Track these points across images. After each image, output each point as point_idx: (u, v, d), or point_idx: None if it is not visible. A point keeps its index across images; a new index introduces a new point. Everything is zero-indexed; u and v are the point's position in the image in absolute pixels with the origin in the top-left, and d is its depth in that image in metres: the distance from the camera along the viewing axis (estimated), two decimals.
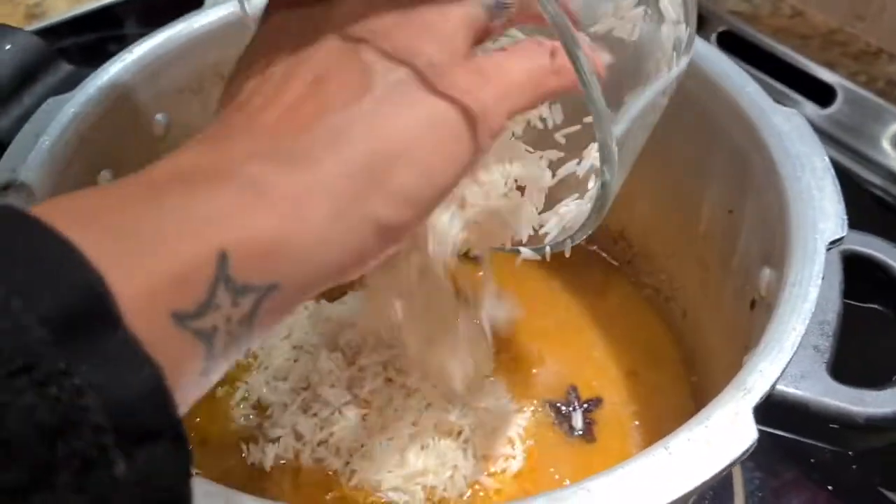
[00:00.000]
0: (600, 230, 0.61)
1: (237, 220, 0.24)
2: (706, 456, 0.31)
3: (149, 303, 0.21)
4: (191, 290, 0.22)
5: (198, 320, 0.22)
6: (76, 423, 0.19)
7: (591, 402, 0.54)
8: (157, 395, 0.21)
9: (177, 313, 0.22)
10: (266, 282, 0.24)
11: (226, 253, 0.23)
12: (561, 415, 0.53)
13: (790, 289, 0.37)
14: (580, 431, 0.52)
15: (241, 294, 0.23)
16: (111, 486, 0.19)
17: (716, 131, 0.48)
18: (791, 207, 0.41)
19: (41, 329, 0.19)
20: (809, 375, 0.37)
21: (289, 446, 0.49)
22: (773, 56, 0.79)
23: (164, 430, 0.21)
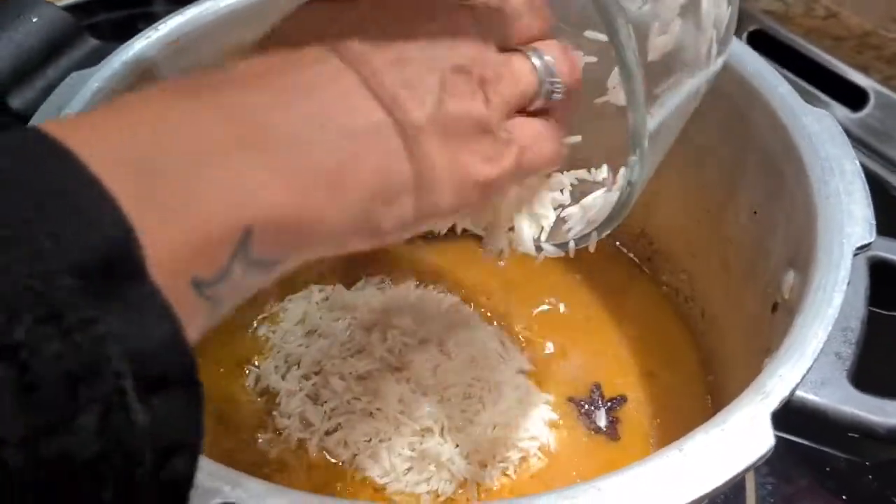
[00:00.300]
0: (622, 226, 0.61)
1: (269, 196, 0.24)
2: (721, 460, 0.31)
3: (174, 265, 0.22)
4: (213, 260, 0.23)
5: (212, 288, 0.23)
6: (98, 370, 0.19)
7: (615, 401, 0.53)
8: (176, 345, 0.21)
9: (196, 280, 0.22)
10: (276, 258, 0.25)
11: (251, 229, 0.23)
12: (584, 412, 0.52)
13: (814, 293, 0.36)
14: (604, 429, 0.52)
15: (252, 267, 0.24)
16: (129, 430, 0.20)
17: (745, 130, 0.48)
18: (819, 210, 0.40)
19: (70, 277, 0.19)
20: (830, 382, 0.36)
21: (296, 433, 0.49)
22: (805, 57, 0.78)
23: (180, 379, 0.21)
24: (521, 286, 0.59)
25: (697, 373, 0.54)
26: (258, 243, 0.24)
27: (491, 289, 0.59)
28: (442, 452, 0.47)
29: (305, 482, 0.48)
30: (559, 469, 0.50)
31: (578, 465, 0.50)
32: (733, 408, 0.32)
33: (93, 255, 0.20)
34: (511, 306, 0.58)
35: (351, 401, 0.49)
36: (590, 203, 0.36)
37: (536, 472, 0.49)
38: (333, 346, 0.51)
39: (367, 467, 0.47)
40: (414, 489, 0.47)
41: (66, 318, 0.19)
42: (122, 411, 0.20)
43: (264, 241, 0.24)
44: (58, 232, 0.19)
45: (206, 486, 0.30)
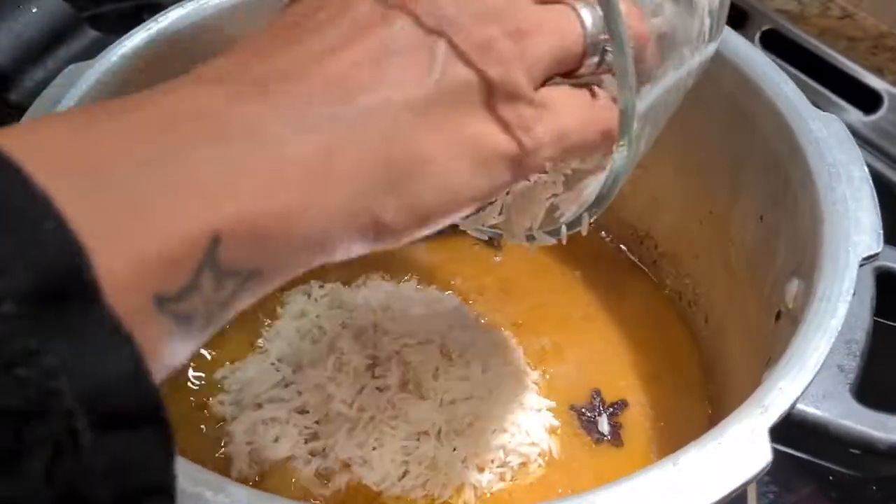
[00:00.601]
0: (626, 228, 0.60)
1: (242, 197, 0.22)
2: (717, 475, 0.30)
3: (134, 282, 0.20)
4: (177, 273, 0.21)
5: (178, 304, 0.21)
6: (46, 408, 0.17)
7: (616, 406, 0.52)
8: (137, 378, 0.19)
9: (159, 296, 0.20)
10: (251, 268, 0.22)
11: (219, 236, 0.21)
12: (586, 420, 0.51)
13: (818, 303, 0.35)
14: (607, 436, 0.51)
15: (224, 279, 0.22)
16: (83, 476, 0.18)
17: (751, 133, 0.47)
18: (824, 217, 0.39)
19: (10, 303, 0.17)
20: (831, 396, 0.35)
21: (291, 437, 0.48)
22: (818, 58, 0.77)
23: (144, 415, 0.19)
24: (520, 286, 0.58)
25: (699, 377, 0.54)
26: (228, 251, 0.21)
27: (490, 288, 0.58)
28: (439, 456, 0.46)
29: (295, 488, 0.47)
30: (560, 476, 0.49)
31: (580, 472, 0.49)
32: (731, 421, 0.31)
33: (38, 279, 0.18)
34: (510, 307, 0.57)
35: (346, 403, 0.48)
36: (582, 187, 0.35)
37: (536, 479, 0.48)
38: (329, 345, 0.51)
39: (361, 472, 0.46)
40: (409, 494, 0.46)
41: (7, 350, 0.17)
42: (74, 455, 0.18)
43: (235, 248, 0.22)
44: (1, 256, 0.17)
45: (188, 490, 0.29)
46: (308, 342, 0.51)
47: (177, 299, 0.21)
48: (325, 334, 0.51)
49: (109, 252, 0.19)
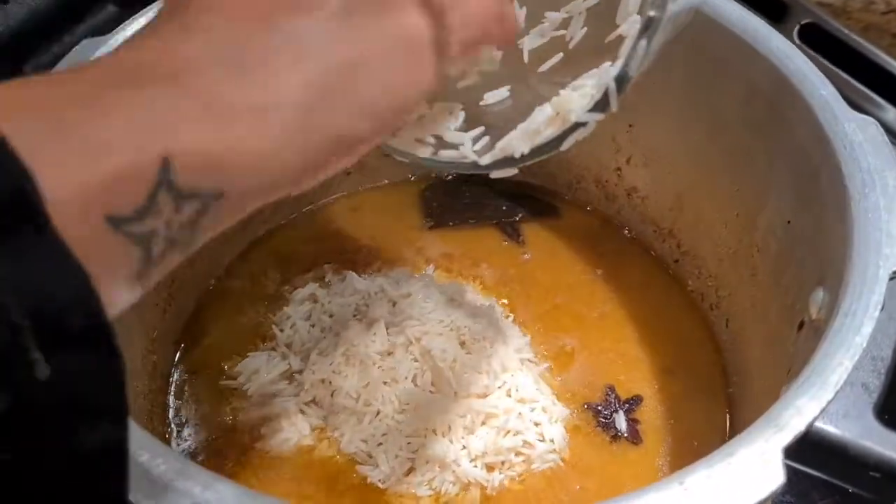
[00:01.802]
0: (648, 225, 0.59)
1: (185, 132, 0.23)
2: (725, 496, 0.28)
3: (82, 205, 0.20)
4: (129, 195, 0.21)
5: (134, 224, 0.22)
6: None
7: (631, 401, 0.51)
8: (85, 300, 0.20)
9: (112, 217, 0.21)
10: (212, 189, 0.23)
11: (169, 159, 0.22)
12: (602, 418, 0.50)
13: (843, 318, 0.34)
14: (624, 434, 0.49)
15: (184, 199, 0.23)
16: (34, 385, 0.19)
17: (783, 134, 0.45)
18: (855, 226, 0.37)
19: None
20: (853, 415, 0.34)
21: (297, 430, 0.47)
22: (860, 55, 0.73)
23: (91, 337, 0.20)
24: (541, 282, 0.57)
25: (718, 379, 0.52)
26: (183, 173, 0.22)
27: (512, 283, 0.57)
28: (448, 454, 0.45)
29: (307, 479, 0.46)
30: (572, 476, 0.47)
31: (596, 471, 0.48)
32: (743, 439, 0.30)
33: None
34: (531, 303, 0.56)
35: (352, 396, 0.47)
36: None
37: (547, 479, 0.47)
38: (338, 334, 0.50)
39: (365, 468, 0.46)
40: (416, 490, 0.45)
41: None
42: (24, 365, 0.19)
43: (189, 170, 0.22)
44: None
45: (177, 485, 0.29)
46: (317, 330, 0.50)
47: (133, 219, 0.21)
48: (334, 322, 0.50)
49: (56, 177, 0.20)
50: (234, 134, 0.23)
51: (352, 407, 0.47)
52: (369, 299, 0.52)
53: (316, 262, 0.56)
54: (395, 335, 0.49)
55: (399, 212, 0.60)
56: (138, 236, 0.22)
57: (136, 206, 0.21)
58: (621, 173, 0.59)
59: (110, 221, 0.21)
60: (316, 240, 0.58)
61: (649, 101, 0.54)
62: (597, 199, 0.61)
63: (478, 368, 0.48)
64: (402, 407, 0.46)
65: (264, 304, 0.54)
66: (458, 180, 0.62)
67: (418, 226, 0.60)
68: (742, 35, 0.46)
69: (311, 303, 0.53)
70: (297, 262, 0.57)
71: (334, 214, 0.60)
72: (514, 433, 0.47)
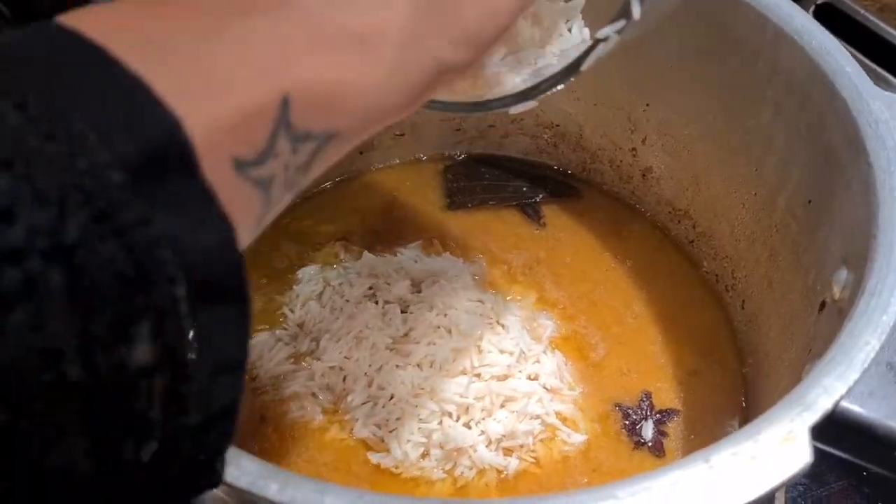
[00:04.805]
0: (663, 205, 0.58)
1: (301, 63, 0.22)
2: (751, 475, 0.28)
3: (212, 148, 0.20)
4: (253, 137, 0.21)
5: (258, 168, 0.21)
6: (151, 275, 0.18)
7: (664, 413, 0.49)
8: (228, 250, 0.20)
9: (238, 160, 0.21)
10: (326, 129, 0.23)
11: (288, 98, 0.21)
12: (630, 422, 0.49)
13: (869, 297, 0.33)
14: (648, 443, 0.48)
15: (300, 141, 0.22)
16: (181, 342, 0.19)
17: (805, 112, 0.44)
18: (880, 205, 0.37)
19: (118, 171, 0.17)
20: (878, 395, 0.33)
21: (313, 406, 0.47)
22: (876, 35, 0.73)
23: (231, 288, 0.20)
24: (564, 268, 0.56)
25: (737, 370, 0.51)
26: (299, 114, 0.22)
27: (535, 265, 0.56)
28: (465, 438, 0.45)
29: (322, 457, 0.46)
30: (588, 474, 0.47)
31: (610, 473, 0.47)
32: (769, 418, 0.30)
33: (140, 149, 0.18)
34: (555, 287, 0.55)
35: (366, 379, 0.46)
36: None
37: (564, 469, 0.47)
38: (352, 315, 0.49)
39: (379, 454, 0.45)
40: (431, 474, 0.45)
41: (119, 218, 0.17)
42: (175, 320, 0.18)
43: (305, 110, 0.22)
44: (101, 125, 0.18)
45: None
46: (328, 311, 0.50)
47: (256, 163, 0.21)
48: (347, 303, 0.50)
49: (190, 120, 0.19)
50: (344, 66, 0.23)
51: (365, 391, 0.46)
52: (389, 278, 0.51)
53: (329, 240, 0.56)
54: (414, 315, 0.48)
55: (415, 192, 0.60)
56: (261, 181, 0.21)
57: (258, 148, 0.21)
58: (636, 153, 0.59)
59: (237, 165, 0.21)
60: (329, 220, 0.58)
61: (666, 79, 0.53)
62: (611, 180, 0.61)
63: (500, 349, 0.48)
64: (417, 391, 0.46)
65: (274, 284, 0.53)
66: (477, 161, 0.62)
67: (437, 206, 0.59)
68: (764, 12, 0.45)
69: (322, 283, 0.52)
70: (309, 241, 0.56)
71: (349, 194, 0.59)
72: (533, 417, 0.46)
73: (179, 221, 0.18)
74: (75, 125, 0.17)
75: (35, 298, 0.17)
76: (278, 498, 0.27)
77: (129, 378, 0.18)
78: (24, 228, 0.16)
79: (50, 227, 0.17)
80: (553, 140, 0.62)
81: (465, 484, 0.45)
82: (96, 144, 0.17)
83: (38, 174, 0.17)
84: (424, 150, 0.62)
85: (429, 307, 0.49)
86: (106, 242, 0.17)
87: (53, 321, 0.17)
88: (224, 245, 0.19)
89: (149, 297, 0.18)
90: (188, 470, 0.20)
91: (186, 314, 0.19)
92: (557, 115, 0.60)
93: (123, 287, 0.18)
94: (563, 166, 0.62)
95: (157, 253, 0.18)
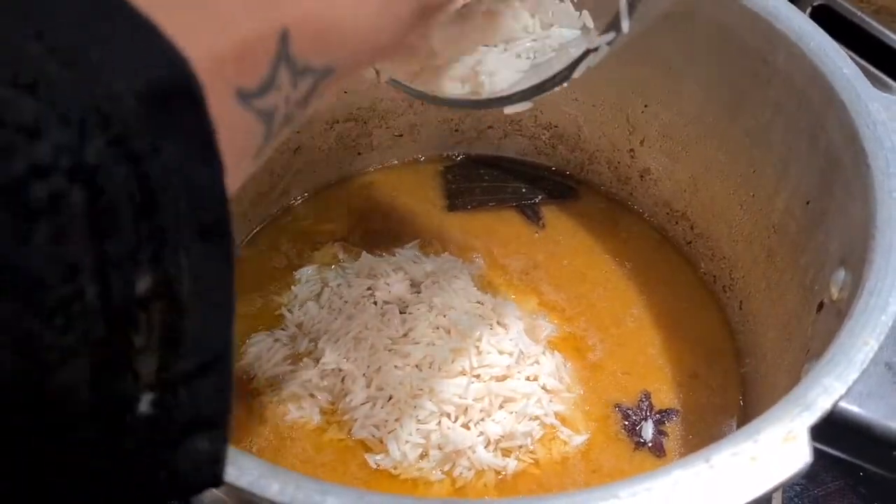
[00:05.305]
0: (661, 206, 0.58)
1: (295, 2, 0.23)
2: (751, 475, 0.28)
3: (216, 80, 0.20)
4: (255, 67, 0.22)
5: (260, 99, 0.22)
6: (159, 203, 0.19)
7: (664, 413, 0.49)
8: (221, 191, 0.20)
9: (241, 91, 0.21)
10: (324, 64, 0.24)
11: (287, 31, 0.22)
12: (630, 423, 0.49)
13: (867, 297, 0.33)
14: (649, 443, 0.48)
15: (300, 75, 0.23)
16: (177, 272, 0.19)
17: (804, 113, 0.44)
18: (879, 206, 0.37)
19: (132, 100, 0.18)
20: (876, 395, 0.33)
21: (311, 407, 0.47)
22: (873, 37, 0.73)
23: (220, 228, 0.20)
24: (563, 270, 0.56)
25: (734, 370, 0.52)
26: (298, 45, 0.23)
27: (535, 268, 0.56)
28: (464, 440, 0.45)
29: (320, 457, 0.46)
30: (590, 470, 0.47)
31: (610, 474, 0.47)
32: (768, 418, 0.30)
33: (149, 81, 0.18)
34: (554, 289, 0.55)
35: (365, 381, 0.46)
36: None
37: (563, 470, 0.47)
38: (350, 316, 0.49)
39: (378, 456, 0.45)
40: (429, 475, 0.45)
41: (132, 144, 0.18)
42: (174, 250, 0.19)
43: (305, 44, 0.23)
44: (115, 58, 0.18)
45: None
46: (326, 312, 0.50)
47: (259, 93, 0.22)
48: (346, 304, 0.50)
49: (196, 54, 0.20)
50: (337, 3, 0.24)
51: (363, 392, 0.46)
52: (388, 279, 0.51)
53: (328, 241, 0.56)
54: (413, 315, 0.48)
55: (414, 193, 0.60)
56: (263, 112, 0.22)
57: (261, 79, 0.22)
58: (634, 154, 0.59)
59: (240, 95, 0.21)
60: (328, 220, 0.58)
61: (665, 81, 0.54)
62: (609, 181, 0.61)
63: (500, 350, 0.48)
64: (416, 391, 0.46)
65: (272, 284, 0.53)
66: (475, 162, 0.62)
67: (436, 207, 0.59)
68: (762, 14, 0.45)
69: (320, 283, 0.52)
70: (308, 241, 0.56)
71: (348, 194, 0.60)
72: (532, 418, 0.46)
73: (185, 153, 0.19)
74: (92, 55, 0.18)
75: (59, 213, 0.17)
76: (279, 498, 0.27)
77: (133, 304, 0.19)
78: (50, 146, 0.17)
79: (73, 146, 0.17)
80: (551, 141, 0.62)
81: (463, 485, 0.45)
82: (112, 73, 0.18)
83: (60, 97, 0.17)
84: (423, 151, 0.62)
85: (428, 308, 0.49)
86: (121, 166, 0.18)
87: (74, 236, 0.17)
88: (218, 182, 0.20)
89: (154, 223, 0.19)
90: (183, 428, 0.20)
91: (184, 245, 0.19)
92: (556, 116, 0.61)
93: (134, 211, 0.18)
94: (561, 167, 0.62)
95: (164, 181, 0.19)
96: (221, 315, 0.21)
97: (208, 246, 0.20)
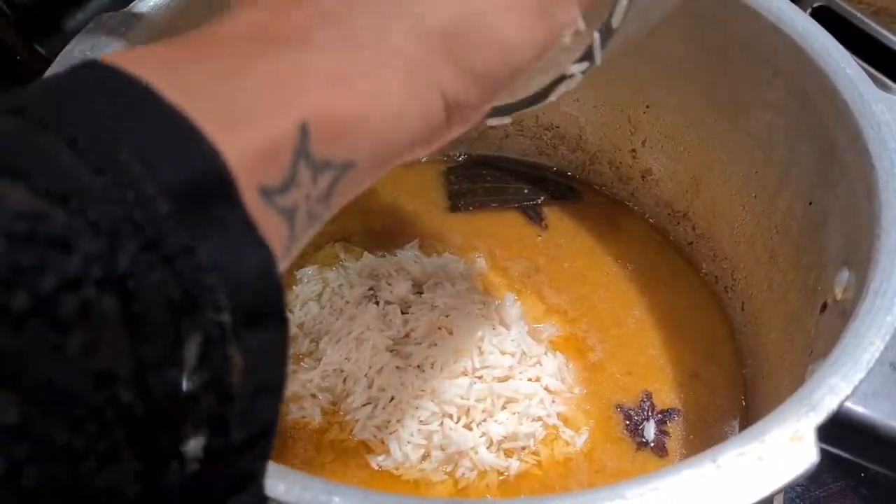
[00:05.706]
0: (663, 207, 0.58)
1: (314, 96, 0.23)
2: (757, 475, 0.28)
3: (242, 177, 0.20)
4: (276, 164, 0.21)
5: (282, 196, 0.22)
6: (198, 301, 0.19)
7: (666, 413, 0.49)
8: (270, 276, 0.20)
9: (264, 188, 0.21)
10: (343, 159, 0.23)
11: (306, 126, 0.22)
12: (632, 423, 0.49)
13: (872, 297, 0.33)
14: (651, 443, 0.48)
15: (319, 171, 0.23)
16: (225, 366, 0.19)
17: (806, 114, 0.44)
18: (883, 207, 0.37)
19: (164, 202, 0.18)
20: (881, 395, 0.33)
21: (313, 407, 0.47)
22: (872, 38, 0.73)
23: (273, 314, 0.20)
24: (564, 271, 0.56)
25: (736, 371, 0.52)
26: (317, 142, 0.22)
27: (537, 270, 0.56)
28: (466, 441, 0.45)
29: (320, 458, 0.46)
30: (593, 470, 0.47)
31: (614, 474, 0.47)
32: (775, 418, 0.30)
33: (183, 179, 0.19)
34: (557, 290, 0.55)
35: (367, 381, 0.46)
36: None
37: (566, 471, 0.47)
38: (352, 317, 0.49)
39: (379, 457, 0.45)
40: (431, 476, 0.45)
41: (167, 246, 0.18)
42: (221, 345, 0.19)
43: (323, 139, 0.22)
44: (147, 157, 0.18)
45: None
46: (327, 312, 0.50)
47: (281, 191, 0.22)
48: (347, 304, 0.50)
49: (225, 150, 0.20)
50: (357, 96, 0.23)
51: (365, 393, 0.46)
52: (390, 279, 0.51)
53: (329, 241, 0.56)
54: (415, 315, 0.48)
55: (416, 193, 0.60)
56: (285, 210, 0.22)
57: (282, 176, 0.22)
58: (636, 155, 0.59)
59: (264, 193, 0.21)
60: (329, 220, 0.58)
61: (667, 81, 0.54)
62: (610, 182, 0.61)
63: (502, 351, 0.48)
64: (417, 392, 0.46)
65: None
66: (477, 162, 0.62)
67: (438, 208, 0.59)
68: (765, 14, 0.46)
69: (321, 283, 0.52)
70: (310, 241, 0.56)
71: None
72: (535, 419, 0.46)
73: (223, 248, 0.19)
74: (122, 158, 0.18)
75: (90, 323, 0.17)
76: (285, 498, 0.27)
77: (178, 401, 0.19)
78: (79, 259, 0.17)
79: (103, 256, 0.17)
80: (553, 141, 0.62)
81: (465, 486, 0.45)
82: (143, 176, 0.18)
83: (91, 207, 0.18)
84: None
85: (430, 308, 0.49)
86: (155, 270, 0.18)
87: (108, 345, 0.18)
88: (265, 269, 0.20)
89: (196, 321, 0.19)
90: (226, 492, 0.21)
91: (231, 338, 0.19)
92: (557, 117, 0.61)
93: (172, 312, 0.18)
94: (563, 168, 0.62)
95: (203, 279, 0.19)
96: (271, 395, 0.21)
97: (260, 332, 0.20)
